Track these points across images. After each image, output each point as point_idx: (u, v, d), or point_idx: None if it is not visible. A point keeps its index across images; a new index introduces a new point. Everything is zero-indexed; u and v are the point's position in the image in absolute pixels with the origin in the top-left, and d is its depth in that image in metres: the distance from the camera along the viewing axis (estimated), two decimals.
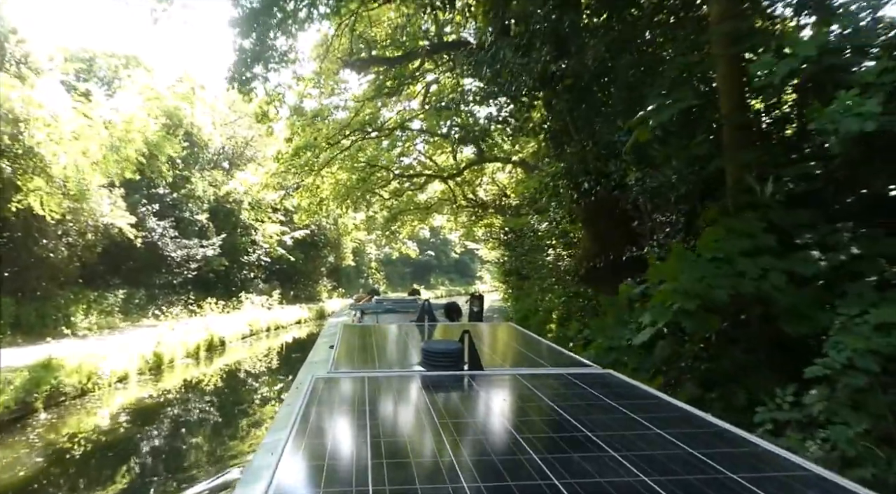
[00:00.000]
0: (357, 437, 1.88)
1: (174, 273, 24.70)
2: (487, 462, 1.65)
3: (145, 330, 18.98)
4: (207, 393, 14.24)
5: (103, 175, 16.48)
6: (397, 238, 34.04)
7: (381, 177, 25.32)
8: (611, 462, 1.60)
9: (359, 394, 2.36)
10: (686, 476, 1.49)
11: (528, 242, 19.69)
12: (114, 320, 20.30)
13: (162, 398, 13.30)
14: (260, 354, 20.44)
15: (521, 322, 20.55)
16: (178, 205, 25.58)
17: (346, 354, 3.39)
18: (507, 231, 24.48)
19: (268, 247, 31.54)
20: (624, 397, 2.31)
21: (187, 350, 17.30)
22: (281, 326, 26.20)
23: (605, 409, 2.17)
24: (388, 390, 2.47)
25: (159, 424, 11.45)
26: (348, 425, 2.01)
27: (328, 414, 2.14)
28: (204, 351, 18.31)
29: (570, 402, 2.29)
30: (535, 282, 20.14)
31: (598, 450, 1.70)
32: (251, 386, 15.51)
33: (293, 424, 1.90)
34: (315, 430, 1.91)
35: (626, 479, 1.48)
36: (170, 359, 16.11)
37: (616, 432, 1.88)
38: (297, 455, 1.67)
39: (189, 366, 16.76)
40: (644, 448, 1.70)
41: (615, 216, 9.16)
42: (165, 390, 13.96)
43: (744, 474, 1.49)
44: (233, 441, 10.47)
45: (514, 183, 27.09)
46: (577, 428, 1.92)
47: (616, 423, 1.99)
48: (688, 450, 1.67)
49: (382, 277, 51.61)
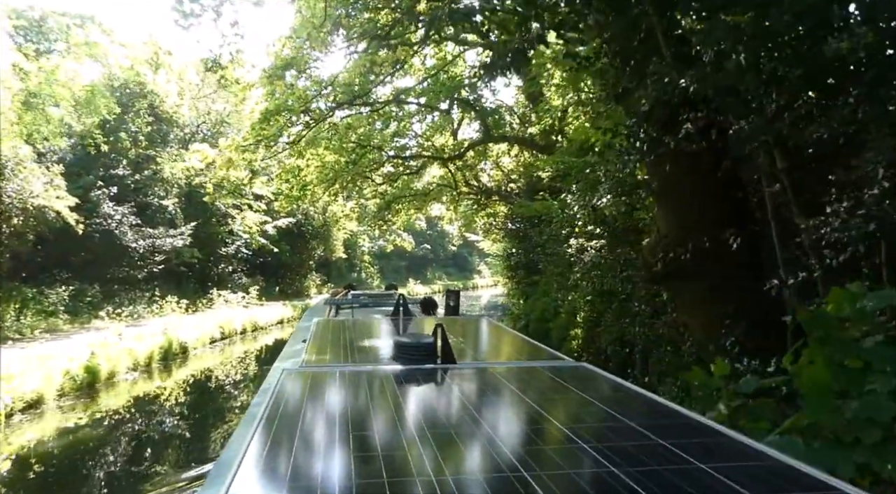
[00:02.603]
0: (325, 431, 1.87)
1: (137, 266, 21.57)
2: (457, 456, 1.66)
3: (93, 335, 15.85)
4: (149, 424, 11.16)
5: (20, 138, 13.30)
6: (391, 228, 31.17)
7: (372, 159, 22.40)
8: (581, 453, 1.60)
9: (329, 388, 2.37)
10: (657, 467, 1.48)
11: (548, 231, 16.67)
12: (56, 322, 17.16)
13: (77, 434, 10.24)
14: (229, 364, 17.37)
15: (537, 325, 17.56)
16: (141, 189, 22.43)
17: (318, 349, 3.37)
18: (516, 219, 21.67)
19: (248, 237, 28.43)
20: (597, 390, 2.34)
21: (135, 360, 14.22)
22: (259, 327, 23.08)
23: (577, 402, 2.18)
24: (358, 384, 2.46)
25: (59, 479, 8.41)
26: (316, 419, 2.01)
27: (296, 409, 2.11)
28: (158, 362, 15.23)
29: (542, 395, 2.31)
30: (553, 278, 17.17)
31: (569, 442, 1.70)
32: (211, 410, 12.49)
33: (260, 419, 1.88)
34: (282, 425, 1.89)
35: (596, 470, 1.48)
36: (109, 374, 13.03)
37: (588, 424, 1.91)
38: (263, 451, 1.65)
39: (136, 382, 13.69)
40: (615, 440, 1.70)
41: (713, 183, 6.17)
42: (91, 419, 10.90)
43: (714, 464, 1.49)
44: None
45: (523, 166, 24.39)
46: (549, 420, 1.96)
47: (588, 415, 2.02)
48: (659, 442, 1.66)
49: (376, 271, 48.90)
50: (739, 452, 1.60)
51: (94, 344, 13.62)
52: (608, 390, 2.35)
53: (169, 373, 15.03)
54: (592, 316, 13.58)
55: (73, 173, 19.58)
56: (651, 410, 2.04)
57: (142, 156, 21.74)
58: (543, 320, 16.82)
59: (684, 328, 7.06)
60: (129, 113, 21.07)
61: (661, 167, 6.36)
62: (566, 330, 14.89)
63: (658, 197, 6.68)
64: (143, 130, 21.45)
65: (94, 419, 10.92)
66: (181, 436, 10.56)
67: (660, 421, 1.88)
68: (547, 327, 16.58)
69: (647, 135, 6.06)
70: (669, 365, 8.74)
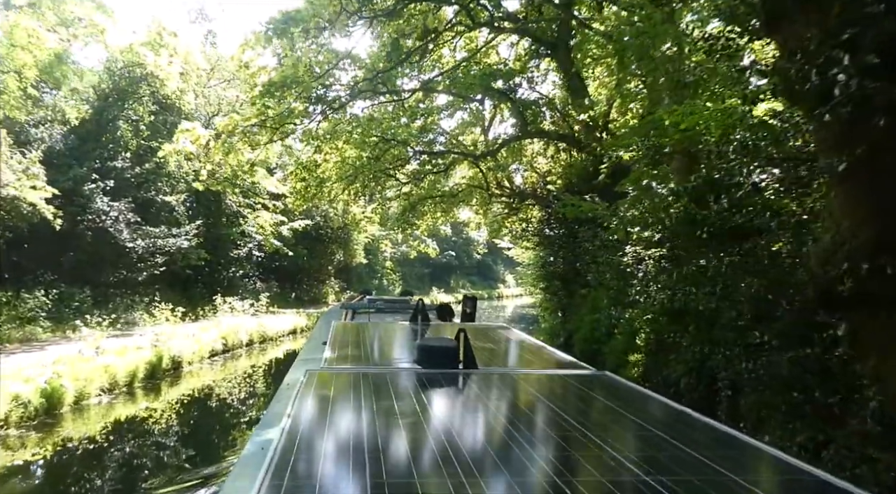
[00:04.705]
0: (354, 432, 1.83)
1: (135, 268, 19.47)
2: (486, 459, 1.65)
3: (73, 346, 13.66)
4: (102, 471, 8.89)
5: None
6: (415, 232, 29.03)
7: (397, 155, 20.30)
8: (611, 461, 1.58)
9: (355, 389, 2.34)
10: (688, 477, 1.46)
11: (600, 238, 14.25)
12: (34, 330, 15.06)
13: None
14: (229, 383, 15.13)
15: (584, 346, 15.07)
16: (143, 184, 20.37)
17: (339, 350, 3.37)
18: (553, 224, 19.36)
19: (262, 239, 26.31)
20: (620, 398, 2.35)
21: (113, 379, 12.04)
22: (268, 338, 20.84)
23: (601, 409, 2.22)
24: (383, 386, 2.43)
25: None
26: (344, 419, 1.98)
27: (323, 408, 2.09)
28: (143, 381, 13.03)
29: (565, 401, 2.33)
30: (604, 293, 14.74)
31: (597, 449, 1.69)
32: (198, 445, 10.26)
33: (287, 418, 1.87)
34: (310, 424, 1.89)
35: (627, 479, 1.47)
36: (77, 397, 10.85)
37: (613, 431, 1.92)
38: (291, 449, 1.60)
39: (111, 407, 11.50)
40: (643, 449, 1.71)
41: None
42: (28, 460, 8.67)
43: (745, 476, 1.47)
44: None
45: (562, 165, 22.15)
46: (574, 427, 1.95)
47: (613, 423, 2.04)
48: (687, 451, 1.64)
49: (398, 278, 46.77)
50: (772, 465, 1.60)
51: (65, 360, 11.49)
52: (632, 398, 2.32)
53: (154, 395, 12.82)
54: (658, 339, 11.24)
55: (62, 164, 17.59)
56: (677, 420, 2.03)
57: (143, 148, 19.69)
58: (593, 340, 14.29)
59: (873, 378, 4.61)
60: (130, 100, 19.09)
61: (858, 136, 3.97)
62: (624, 355, 12.41)
63: (844, 180, 4.25)
64: (144, 119, 19.38)
65: (30, 460, 8.68)
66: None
67: (688, 431, 1.87)
68: (596, 349, 14.03)
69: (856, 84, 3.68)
70: (788, 414, 6.56)
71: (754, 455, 1.63)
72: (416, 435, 1.81)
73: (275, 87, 11.77)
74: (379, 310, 6.87)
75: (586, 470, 1.53)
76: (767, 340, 6.75)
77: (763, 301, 7.28)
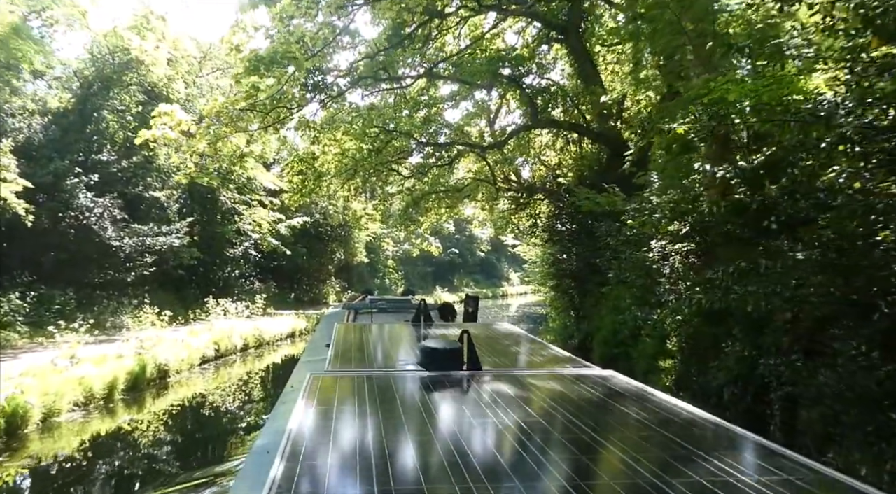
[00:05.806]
0: (359, 437, 1.80)
1: (123, 268, 18.31)
2: (495, 465, 1.60)
3: (49, 354, 12.52)
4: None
5: None
6: (418, 230, 27.93)
7: (399, 148, 19.21)
8: (623, 465, 1.54)
9: (359, 392, 2.32)
10: (701, 479, 1.43)
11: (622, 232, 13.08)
12: (9, 335, 13.90)
13: None
14: (222, 392, 13.97)
15: (604, 349, 13.91)
16: (131, 179, 19.18)
17: (343, 352, 3.32)
18: (565, 219, 18.24)
19: (258, 237, 25.15)
20: (628, 398, 2.29)
21: (89, 391, 10.89)
22: (265, 342, 19.67)
23: (610, 410, 2.16)
24: (388, 388, 2.40)
25: None
26: (349, 424, 1.93)
27: (327, 413, 2.04)
28: (123, 392, 11.87)
29: (573, 402, 2.26)
30: (626, 291, 13.57)
31: (609, 452, 1.67)
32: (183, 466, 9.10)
33: (291, 423, 1.82)
34: (314, 429, 1.83)
35: (641, 483, 1.41)
36: (46, 413, 9.69)
37: (624, 433, 1.87)
38: (296, 456, 1.57)
39: (85, 423, 10.34)
40: (655, 451, 1.64)
41: None
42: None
43: (753, 476, 1.44)
44: None
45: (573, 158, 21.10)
46: (583, 429, 1.89)
47: (623, 425, 1.97)
48: (699, 453, 1.61)
49: (400, 277, 45.74)
50: (779, 464, 1.55)
51: (34, 371, 10.34)
52: (640, 399, 2.24)
53: (135, 408, 11.66)
54: (691, 343, 10.19)
55: (42, 156, 16.44)
56: (686, 420, 1.96)
57: (131, 140, 18.56)
58: (615, 343, 13.07)
59: None
60: (116, 88, 17.93)
61: None
62: (654, 360, 11.23)
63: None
64: (131, 109, 18.22)
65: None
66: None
67: (696, 432, 1.84)
68: (619, 352, 12.79)
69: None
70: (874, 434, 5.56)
71: (769, 456, 1.59)
72: (423, 440, 1.78)
73: (263, 63, 10.58)
74: (381, 310, 6.84)
75: (598, 475, 1.49)
76: (856, 347, 5.59)
77: (841, 302, 6.13)
